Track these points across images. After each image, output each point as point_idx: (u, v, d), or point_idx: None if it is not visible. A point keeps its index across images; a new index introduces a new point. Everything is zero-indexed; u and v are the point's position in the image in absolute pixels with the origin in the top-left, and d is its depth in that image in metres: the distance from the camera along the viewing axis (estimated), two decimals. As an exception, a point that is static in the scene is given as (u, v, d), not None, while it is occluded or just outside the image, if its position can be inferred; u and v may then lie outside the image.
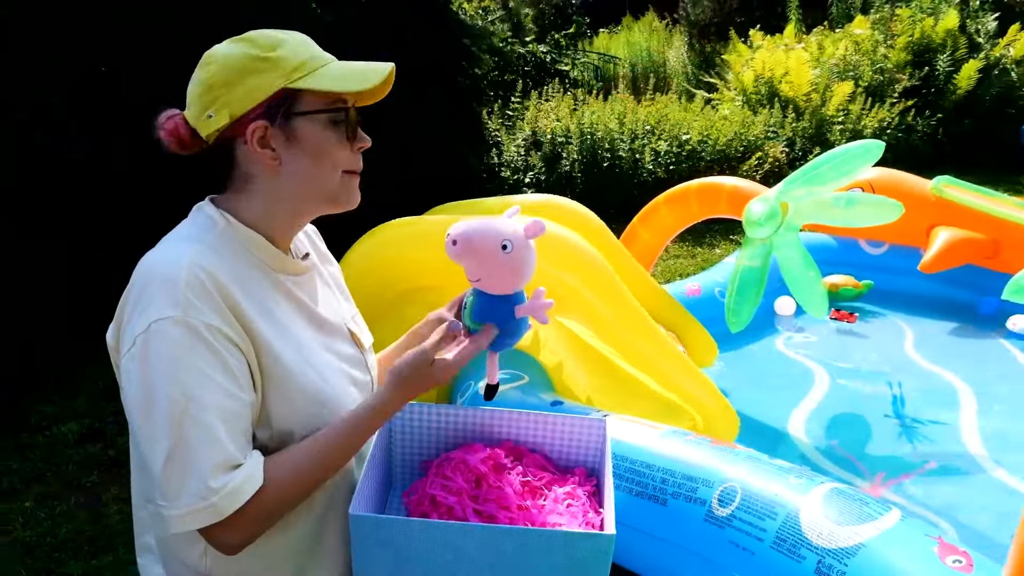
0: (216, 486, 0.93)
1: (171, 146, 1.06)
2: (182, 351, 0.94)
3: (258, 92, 1.03)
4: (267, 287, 1.09)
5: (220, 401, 0.96)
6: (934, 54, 7.39)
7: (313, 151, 1.05)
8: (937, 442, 2.38)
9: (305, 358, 1.10)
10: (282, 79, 1.03)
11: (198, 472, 0.93)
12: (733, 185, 2.91)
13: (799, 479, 1.56)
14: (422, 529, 1.10)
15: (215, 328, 0.97)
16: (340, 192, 1.10)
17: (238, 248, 1.07)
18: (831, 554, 1.38)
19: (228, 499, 0.94)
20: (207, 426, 0.94)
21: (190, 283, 0.97)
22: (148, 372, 0.94)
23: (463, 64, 6.04)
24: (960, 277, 3.45)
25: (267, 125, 1.04)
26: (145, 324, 0.95)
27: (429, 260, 2.20)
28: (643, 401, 2.21)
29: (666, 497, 1.64)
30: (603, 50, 10.13)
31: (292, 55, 1.04)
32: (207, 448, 0.94)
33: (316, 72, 1.05)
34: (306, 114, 1.05)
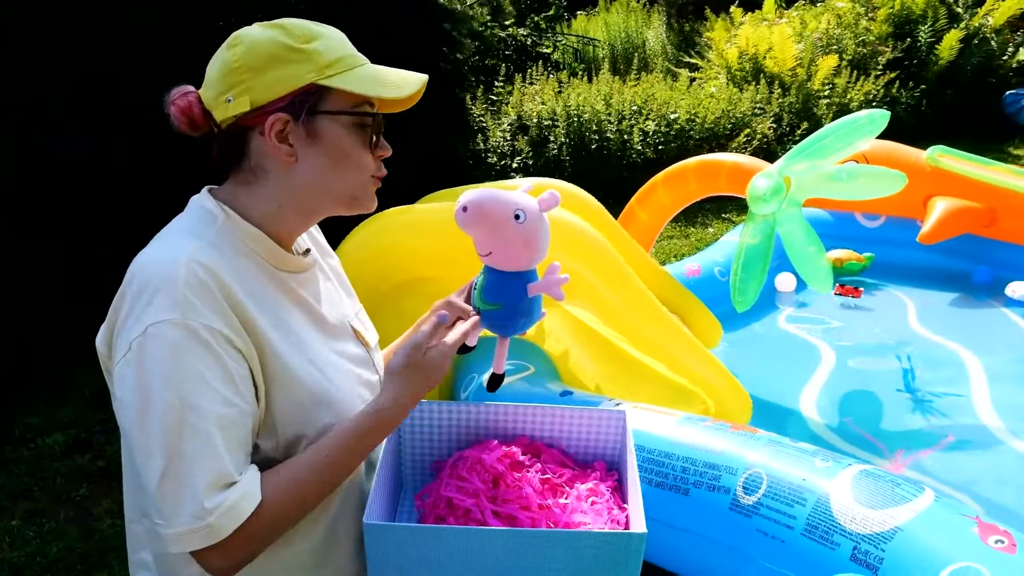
0: (211, 506, 0.87)
1: (180, 125, 0.99)
2: (180, 355, 0.88)
3: (286, 83, 0.96)
4: (269, 285, 1.02)
5: (219, 409, 0.89)
6: (915, 25, 7.36)
7: (334, 152, 1.00)
8: (951, 415, 2.34)
9: (310, 359, 1.03)
10: (313, 73, 0.97)
11: (193, 490, 0.87)
12: (733, 161, 2.84)
13: (825, 462, 1.50)
14: (441, 535, 1.04)
15: (216, 331, 0.90)
16: (361, 195, 1.05)
17: (238, 244, 1.01)
18: (867, 539, 1.33)
19: (225, 519, 0.88)
20: (205, 437, 0.88)
21: (189, 282, 0.90)
22: (144, 377, 0.88)
23: (444, 50, 5.93)
24: (957, 247, 3.42)
25: (289, 119, 0.97)
26: (142, 328, 0.88)
27: (426, 249, 2.13)
28: (652, 386, 2.15)
29: (688, 487, 1.58)
30: (582, 32, 10.02)
31: (327, 50, 0.98)
32: (204, 462, 0.88)
33: (350, 72, 0.99)
34: (332, 113, 0.99)
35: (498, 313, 1.14)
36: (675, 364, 2.14)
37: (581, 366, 2.19)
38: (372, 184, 1.06)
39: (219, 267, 0.94)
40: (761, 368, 2.73)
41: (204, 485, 0.87)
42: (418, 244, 2.14)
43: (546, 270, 1.15)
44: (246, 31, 0.98)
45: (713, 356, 2.16)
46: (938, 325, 3.00)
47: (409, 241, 2.15)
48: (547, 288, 1.14)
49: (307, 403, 1.01)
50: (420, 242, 2.13)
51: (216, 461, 0.88)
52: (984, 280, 3.40)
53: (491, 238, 1.09)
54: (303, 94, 0.97)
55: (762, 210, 2.31)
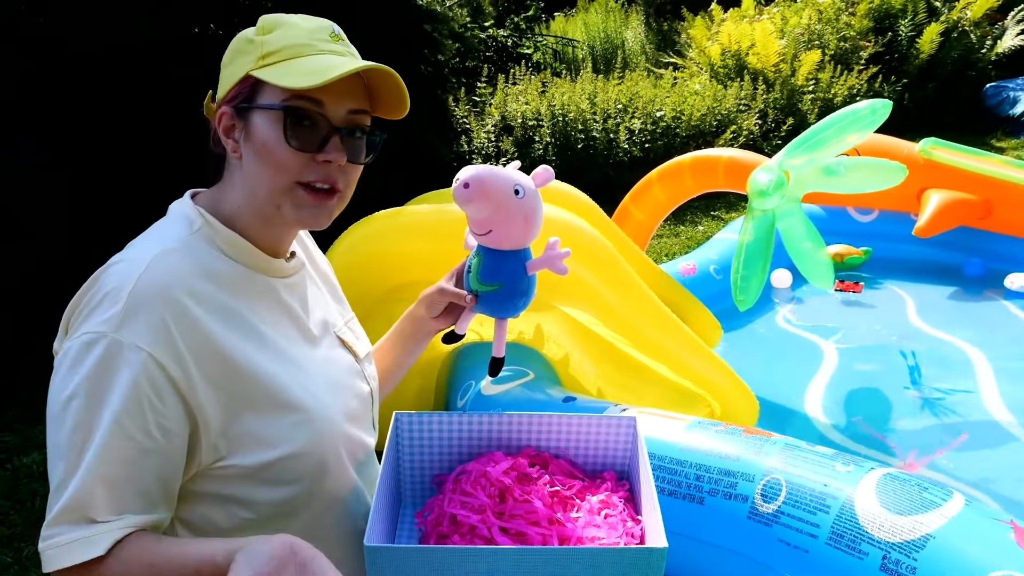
0: (47, 533, 0.82)
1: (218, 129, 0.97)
2: (99, 371, 0.82)
3: (234, 76, 0.93)
4: (247, 292, 0.95)
5: (116, 441, 0.82)
6: (894, 19, 7.38)
7: (259, 148, 0.91)
8: (961, 412, 2.29)
9: (291, 373, 0.95)
10: (250, 64, 0.91)
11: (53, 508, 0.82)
12: (729, 157, 2.78)
13: (846, 466, 1.44)
14: (449, 556, 0.96)
15: (145, 352, 0.82)
16: (284, 203, 0.92)
17: (215, 251, 0.93)
18: (897, 548, 1.26)
19: (55, 552, 0.81)
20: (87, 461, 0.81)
21: (135, 295, 0.84)
22: (65, 387, 0.83)
23: (425, 52, 5.85)
24: (952, 240, 3.38)
25: (232, 113, 0.93)
26: (79, 333, 0.83)
27: (417, 253, 2.04)
28: (656, 389, 2.08)
29: (703, 495, 1.51)
30: (560, 33, 9.96)
31: (277, 40, 0.91)
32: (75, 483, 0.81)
33: (287, 62, 0.90)
34: (260, 108, 0.91)
35: (497, 294, 1.11)
36: (679, 366, 2.07)
37: (582, 370, 2.12)
38: (301, 194, 0.93)
39: (182, 279, 0.87)
40: (761, 368, 2.67)
41: (57, 509, 0.81)
42: (410, 248, 2.05)
43: (546, 245, 1.11)
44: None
45: (718, 357, 2.09)
46: (938, 320, 2.95)
47: (400, 245, 2.07)
48: (549, 263, 1.11)
49: (284, 422, 0.93)
50: (412, 245, 2.05)
51: (83, 489, 0.81)
52: (976, 273, 3.37)
53: (492, 215, 1.06)
54: (242, 86, 0.92)
55: (764, 205, 2.25)
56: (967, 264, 3.41)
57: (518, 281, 1.12)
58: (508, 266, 1.11)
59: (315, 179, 0.92)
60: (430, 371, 2.20)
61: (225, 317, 0.90)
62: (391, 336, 1.29)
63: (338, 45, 0.94)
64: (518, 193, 1.05)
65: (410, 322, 1.25)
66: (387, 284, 2.07)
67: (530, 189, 1.07)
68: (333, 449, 0.99)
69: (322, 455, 0.97)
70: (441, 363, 2.20)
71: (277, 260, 1.00)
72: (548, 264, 1.12)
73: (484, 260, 1.11)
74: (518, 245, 1.11)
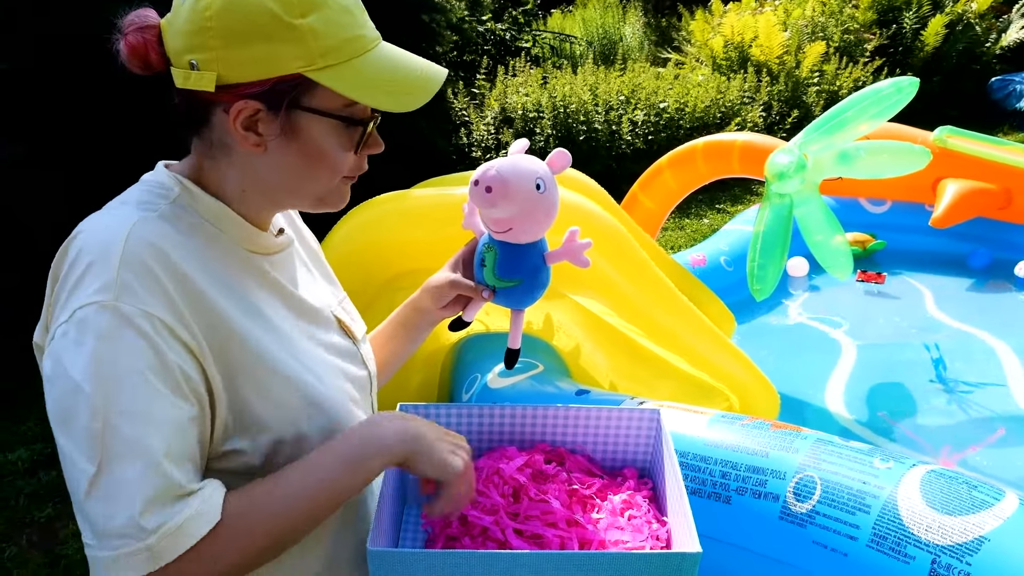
0: (150, 525, 0.69)
1: (130, 65, 0.81)
2: (109, 346, 0.71)
3: (266, 66, 0.77)
4: (235, 267, 0.85)
5: (156, 412, 0.72)
6: (899, 12, 7.31)
7: (312, 153, 0.82)
8: (992, 407, 2.19)
9: (289, 350, 0.87)
10: (302, 61, 0.78)
11: (128, 503, 0.69)
12: (745, 140, 2.67)
13: (885, 463, 1.33)
14: (460, 561, 0.87)
15: (155, 318, 0.73)
16: (329, 196, 0.88)
17: (197, 221, 0.83)
18: (947, 551, 1.16)
19: (169, 541, 0.70)
20: (139, 444, 0.70)
21: (127, 260, 0.73)
22: (67, 372, 0.71)
23: (423, 44, 5.75)
24: (967, 231, 3.29)
25: (262, 108, 0.79)
26: (69, 312, 0.72)
27: (419, 240, 1.94)
28: (672, 382, 1.97)
29: (729, 494, 1.41)
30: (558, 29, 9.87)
31: (326, 30, 0.78)
32: (139, 474, 0.70)
33: (349, 63, 0.80)
34: (318, 113, 0.81)
35: (516, 288, 1.06)
36: (695, 358, 1.97)
37: (593, 362, 2.01)
38: (344, 183, 0.89)
39: (170, 244, 0.77)
40: (778, 361, 2.57)
41: (141, 500, 0.69)
42: (412, 235, 1.95)
43: (565, 237, 1.05)
44: None
45: (737, 348, 1.99)
46: (958, 311, 2.85)
47: (402, 232, 1.96)
48: (570, 256, 1.05)
49: (287, 400, 0.85)
50: (415, 232, 1.95)
51: (155, 471, 0.71)
52: (982, 264, 3.27)
53: (515, 214, 1.00)
54: (285, 83, 0.78)
55: (785, 188, 2.15)
56: (973, 255, 3.31)
57: (538, 274, 1.06)
58: (528, 260, 1.05)
59: (357, 172, 0.90)
60: (433, 364, 2.10)
61: (220, 288, 0.81)
62: (391, 324, 1.20)
63: (369, 22, 0.86)
64: (539, 188, 0.99)
65: (413, 311, 1.17)
66: (388, 272, 1.97)
67: (549, 180, 1.01)
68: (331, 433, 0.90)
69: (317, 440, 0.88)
70: (445, 355, 2.09)
71: (265, 235, 0.90)
72: (569, 256, 1.06)
73: (501, 255, 1.05)
74: (537, 238, 1.05)
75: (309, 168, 0.84)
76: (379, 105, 0.82)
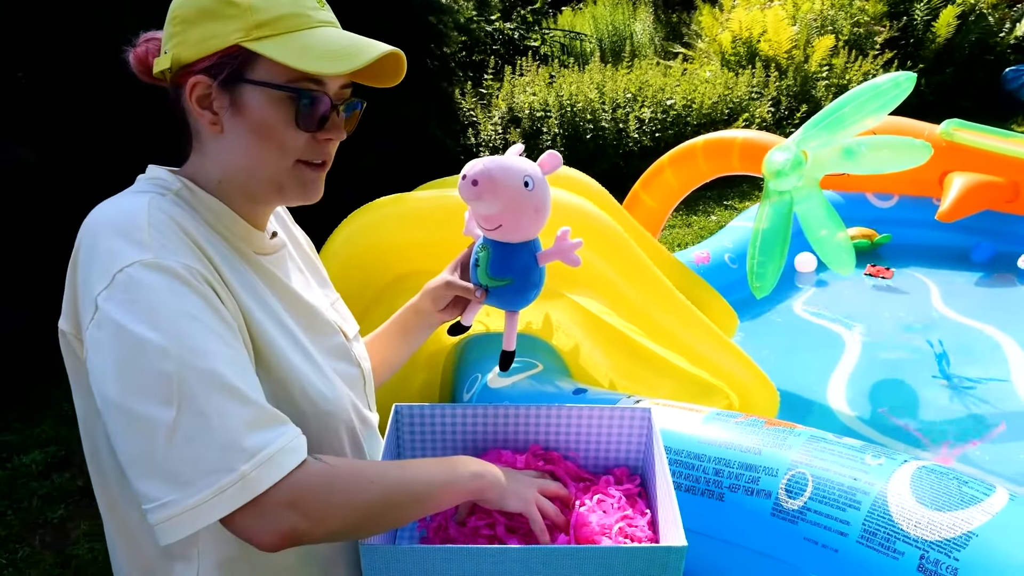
0: (251, 445, 0.71)
1: (136, 71, 0.88)
2: (160, 296, 0.72)
3: (211, 41, 0.82)
4: (240, 260, 0.88)
5: (224, 350, 0.73)
6: (910, 4, 7.24)
7: (258, 129, 0.84)
8: (994, 402, 2.18)
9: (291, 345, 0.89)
10: (240, 33, 0.81)
11: (222, 432, 0.70)
12: (744, 138, 2.67)
13: (877, 459, 1.34)
14: (451, 556, 0.89)
15: (195, 270, 0.76)
16: (287, 183, 0.88)
17: (197, 216, 0.86)
18: (936, 547, 1.16)
19: (263, 470, 0.72)
20: (218, 376, 0.71)
21: (155, 224, 0.77)
22: (125, 328, 0.71)
23: (431, 45, 5.77)
24: (975, 224, 3.26)
25: (211, 83, 0.83)
26: (108, 278, 0.72)
27: (419, 242, 1.96)
28: (671, 381, 1.98)
29: (722, 491, 1.42)
30: (568, 27, 9.86)
31: (267, 6, 0.82)
32: (225, 404, 0.71)
33: (285, 35, 0.83)
34: (257, 83, 0.83)
35: (508, 288, 1.08)
36: (695, 356, 1.98)
37: (593, 361, 2.02)
38: (304, 171, 0.89)
39: (186, 223, 0.81)
40: (781, 358, 2.56)
41: (240, 423, 0.71)
42: (412, 237, 1.97)
43: (556, 236, 1.07)
44: None
45: (737, 346, 1.99)
46: (964, 306, 2.83)
47: (399, 234, 1.98)
48: (561, 255, 1.07)
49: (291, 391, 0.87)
50: (413, 235, 1.96)
51: (240, 400, 0.72)
52: (985, 257, 3.24)
53: (503, 209, 1.01)
54: (227, 56, 0.82)
55: (782, 185, 2.15)
56: (976, 248, 3.28)
57: (530, 274, 1.08)
58: (519, 259, 1.07)
59: (315, 157, 0.89)
60: (435, 364, 2.12)
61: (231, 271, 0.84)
62: (392, 327, 1.22)
63: (326, 11, 0.89)
64: (527, 185, 1.01)
65: (413, 314, 1.20)
66: (388, 275, 1.99)
67: (539, 179, 1.03)
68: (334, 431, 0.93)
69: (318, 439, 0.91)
70: (446, 356, 2.11)
71: (261, 235, 0.93)
72: (560, 256, 1.08)
73: (493, 254, 1.07)
74: (528, 237, 1.07)
75: (259, 145, 0.85)
76: (309, 68, 0.83)
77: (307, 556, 0.93)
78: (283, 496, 0.73)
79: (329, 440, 0.93)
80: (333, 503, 0.78)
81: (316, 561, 0.95)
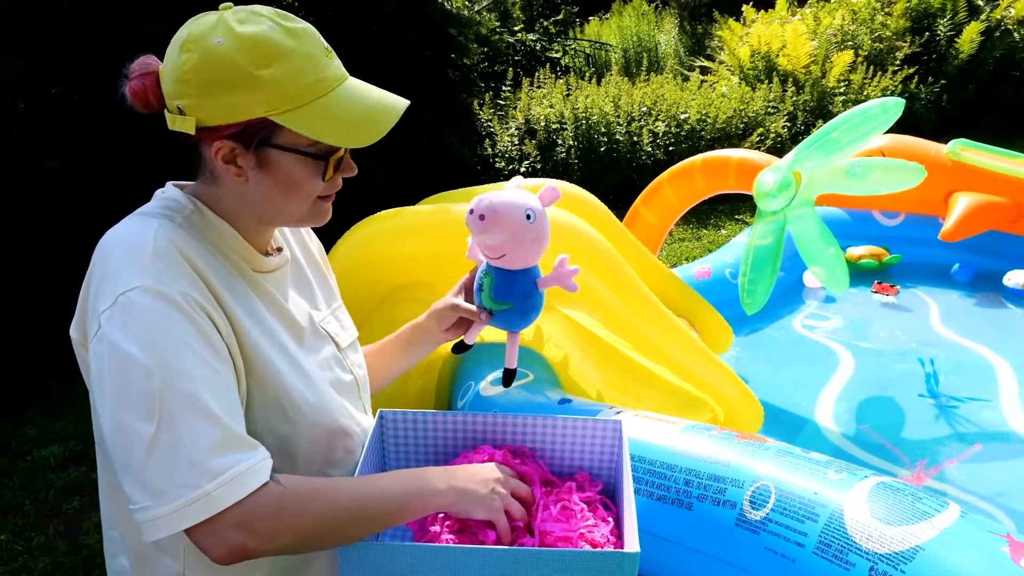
0: (217, 466, 0.78)
1: (133, 104, 0.92)
2: (155, 322, 0.81)
3: (234, 112, 0.88)
4: (239, 279, 0.97)
5: (207, 374, 0.82)
6: (933, 19, 7.19)
7: (286, 182, 0.93)
8: (978, 422, 2.20)
9: (291, 359, 0.98)
10: (264, 107, 0.87)
11: (192, 450, 0.78)
12: (740, 157, 2.72)
13: (839, 474, 1.39)
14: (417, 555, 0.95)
15: (191, 297, 0.84)
16: (308, 216, 0.99)
17: (206, 235, 0.95)
18: (884, 559, 1.21)
19: (226, 489, 0.79)
20: (196, 400, 0.79)
21: (158, 251, 0.85)
22: (119, 349, 0.80)
23: (451, 56, 5.87)
24: (981, 244, 3.26)
25: (236, 147, 0.90)
26: (112, 299, 0.82)
27: (418, 254, 2.04)
28: (658, 394, 2.04)
29: (691, 500, 1.47)
30: (594, 37, 9.93)
31: (287, 78, 0.87)
32: (199, 426, 0.79)
33: (309, 106, 0.89)
34: (285, 149, 0.91)
35: (510, 311, 1.17)
36: (681, 370, 2.03)
37: (582, 373, 2.09)
38: (320, 204, 0.99)
39: (189, 248, 0.89)
40: (775, 374, 2.61)
41: (209, 444, 0.79)
42: (410, 249, 2.05)
43: (555, 263, 1.16)
44: (201, 34, 0.88)
45: (722, 362, 2.04)
46: (963, 327, 2.85)
47: (400, 246, 2.07)
48: (559, 281, 1.16)
49: (283, 404, 0.95)
50: (411, 246, 2.05)
51: (214, 422, 0.80)
52: (967, 277, 3.25)
53: (506, 241, 1.10)
54: (254, 126, 0.89)
55: (770, 206, 2.20)
56: (960, 269, 3.28)
57: (529, 298, 1.17)
58: (520, 285, 1.16)
59: (330, 191, 0.99)
60: (431, 372, 2.20)
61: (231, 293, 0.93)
62: (395, 342, 1.30)
63: (335, 61, 0.94)
64: (529, 218, 1.09)
65: (418, 332, 1.28)
66: (386, 286, 2.07)
67: (539, 211, 1.12)
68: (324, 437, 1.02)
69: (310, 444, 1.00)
70: (442, 364, 2.19)
71: (263, 257, 1.02)
72: (558, 282, 1.17)
73: (496, 280, 1.16)
74: (528, 264, 1.16)
75: (285, 194, 0.95)
76: (337, 142, 0.92)
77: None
78: (236, 516, 0.80)
79: (320, 445, 1.01)
80: (282, 524, 0.84)
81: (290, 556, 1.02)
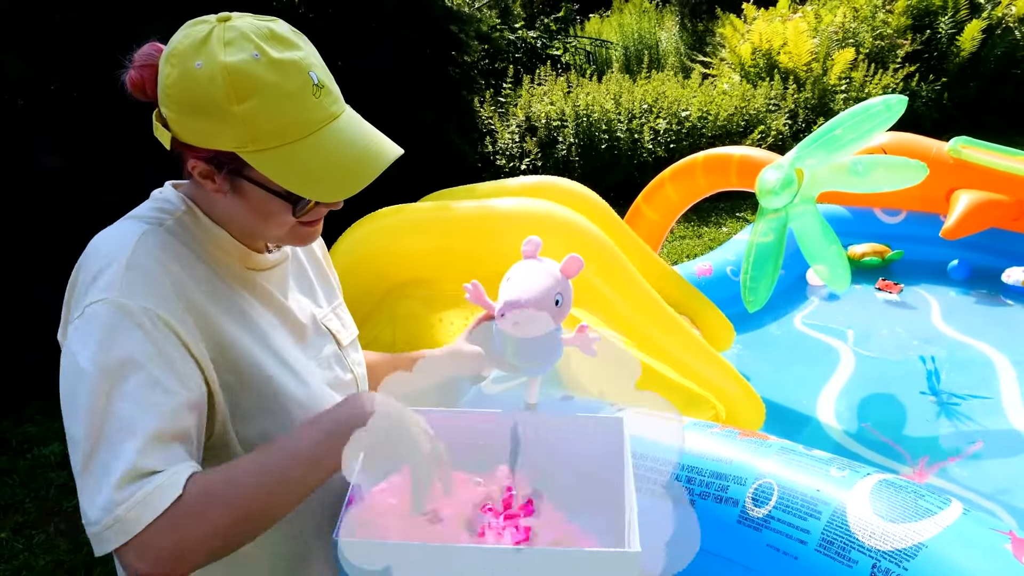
0: (119, 497, 0.77)
1: (132, 93, 0.93)
2: (112, 336, 0.81)
3: (208, 138, 0.87)
4: (230, 280, 0.96)
5: (151, 396, 0.81)
6: (934, 17, 7.19)
7: (256, 210, 0.92)
8: (979, 420, 2.20)
9: (277, 357, 0.97)
10: (235, 142, 0.86)
11: (109, 478, 0.78)
12: (742, 154, 2.71)
13: (841, 471, 1.38)
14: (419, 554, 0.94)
15: (154, 314, 0.83)
16: (288, 238, 0.97)
17: (196, 238, 0.94)
18: (887, 556, 1.21)
19: (135, 511, 0.77)
20: (129, 424, 0.79)
21: (133, 264, 0.85)
22: (75, 360, 0.81)
23: (452, 53, 5.86)
24: (983, 242, 3.26)
25: (211, 168, 0.90)
26: (80, 310, 0.83)
27: (419, 250, 2.03)
28: (659, 391, 2.03)
29: (693, 498, 1.47)
30: (595, 34, 9.92)
31: (261, 116, 0.85)
32: (126, 449, 0.78)
33: (282, 149, 0.86)
34: (255, 183, 0.90)
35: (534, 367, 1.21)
36: (682, 368, 2.03)
37: (583, 370, 2.08)
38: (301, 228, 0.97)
39: (171, 255, 0.89)
40: (776, 371, 2.60)
41: (119, 474, 0.77)
42: (411, 247, 2.04)
43: (576, 329, 1.21)
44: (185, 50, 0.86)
45: (723, 359, 2.04)
46: (964, 324, 2.84)
47: (401, 243, 2.06)
48: (581, 345, 1.22)
49: (274, 405, 0.95)
50: (412, 243, 2.04)
51: (138, 451, 0.79)
52: (963, 275, 3.25)
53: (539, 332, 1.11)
54: (224, 155, 0.88)
55: (772, 204, 2.19)
56: (956, 266, 3.28)
57: (552, 354, 1.20)
58: (544, 345, 1.18)
59: (314, 219, 0.97)
60: (432, 369, 2.19)
61: (215, 298, 0.92)
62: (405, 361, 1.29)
63: (326, 96, 0.89)
64: (558, 303, 1.09)
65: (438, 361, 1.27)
66: (388, 282, 2.07)
67: (565, 289, 1.11)
68: None
69: None
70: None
71: (258, 255, 1.01)
72: (578, 344, 1.22)
73: (521, 344, 1.16)
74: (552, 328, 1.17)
75: (261, 220, 0.94)
76: (302, 193, 0.89)
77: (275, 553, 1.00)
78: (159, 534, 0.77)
79: None
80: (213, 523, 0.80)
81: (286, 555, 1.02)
